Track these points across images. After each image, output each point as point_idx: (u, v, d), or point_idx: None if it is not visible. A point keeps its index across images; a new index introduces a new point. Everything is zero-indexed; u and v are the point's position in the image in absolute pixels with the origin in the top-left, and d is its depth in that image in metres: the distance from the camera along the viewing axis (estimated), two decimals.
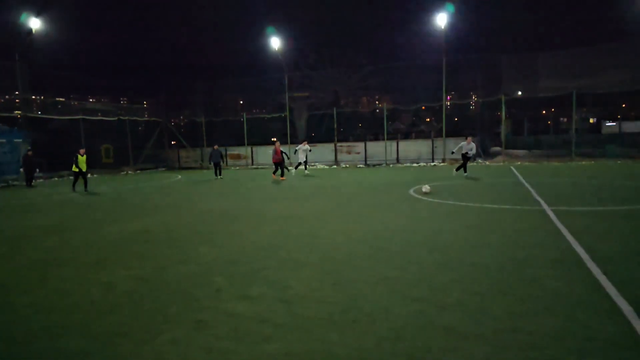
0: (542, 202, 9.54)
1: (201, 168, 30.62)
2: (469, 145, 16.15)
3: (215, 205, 11.14)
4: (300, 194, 13.10)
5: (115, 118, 30.02)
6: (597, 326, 3.39)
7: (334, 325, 3.61)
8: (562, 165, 21.36)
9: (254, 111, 36.11)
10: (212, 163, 20.50)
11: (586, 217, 7.70)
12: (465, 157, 16.25)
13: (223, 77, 35.14)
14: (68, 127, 26.80)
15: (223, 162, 21.50)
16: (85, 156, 15.84)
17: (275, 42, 29.17)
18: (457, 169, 16.85)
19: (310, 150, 20.92)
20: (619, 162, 22.34)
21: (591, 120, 46.97)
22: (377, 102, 37.79)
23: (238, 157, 31.05)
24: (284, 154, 18.63)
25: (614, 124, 41.13)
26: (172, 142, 34.23)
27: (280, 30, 30.17)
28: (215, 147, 20.70)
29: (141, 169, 30.32)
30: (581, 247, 5.64)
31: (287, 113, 30.43)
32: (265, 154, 26.91)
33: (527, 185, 13.04)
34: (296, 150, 20.85)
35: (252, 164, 30.33)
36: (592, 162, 22.75)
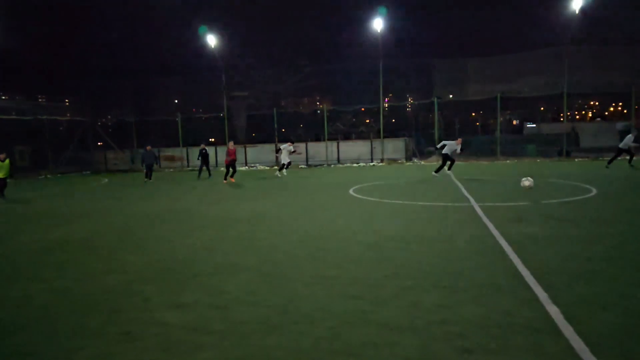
0: (470, 198, 10.13)
1: (131, 171, 28.88)
2: (458, 145, 15.54)
3: (146, 210, 10.57)
4: (239, 196, 12.84)
5: (32, 117, 27.49)
6: (517, 312, 3.63)
7: (271, 329, 3.54)
8: (489, 164, 22.88)
9: (193, 110, 34.84)
10: (144, 165, 19.04)
11: (509, 212, 8.28)
12: (447, 157, 15.55)
13: (156, 76, 33.45)
14: None
15: (156, 164, 20.12)
16: (7, 161, 14.13)
17: (211, 40, 28.36)
18: (449, 168, 15.95)
19: (294, 151, 19.92)
20: (538, 160, 24.38)
21: (514, 122, 50.87)
22: (317, 103, 38.17)
23: (172, 158, 29.70)
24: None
25: (534, 125, 44.92)
26: (99, 144, 32.04)
27: (217, 29, 29.39)
28: (148, 148, 19.18)
29: (62, 173, 27.92)
30: (504, 239, 6.04)
31: (225, 113, 29.72)
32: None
33: (457, 183, 13.80)
34: (279, 149, 19.87)
35: (188, 166, 29.19)
36: (515, 160, 24.61)
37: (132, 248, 6.53)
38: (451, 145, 15.51)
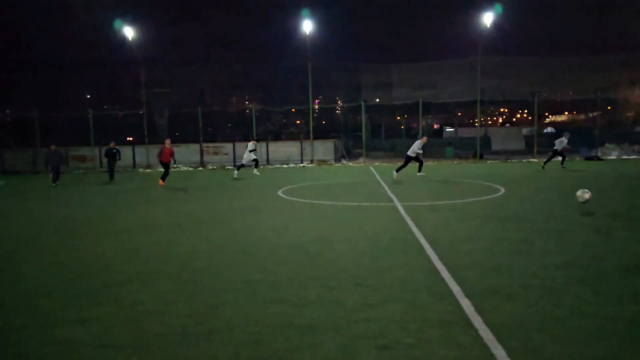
0: (394, 198, 10.54)
1: (34, 172, 25.95)
2: (421, 144, 15.33)
3: (49, 216, 9.57)
4: (159, 199, 12.16)
5: None
6: (433, 307, 3.79)
7: (188, 339, 3.34)
8: (412, 165, 24.04)
9: (106, 107, 32.33)
10: (49, 167, 16.76)
11: (428, 210, 8.74)
12: (411, 158, 15.31)
13: (64, 68, 30.48)
14: None
15: (64, 164, 17.86)
16: None
17: (129, 33, 26.51)
18: (420, 170, 15.56)
19: (253, 150, 18.46)
20: (455, 162, 26.13)
21: (435, 126, 54.25)
22: (247, 102, 37.46)
23: (83, 159, 27.19)
24: (173, 155, 15.60)
25: (452, 129, 48.29)
26: None
27: (137, 21, 27.63)
28: (52, 147, 16.87)
29: None
30: (423, 237, 6.34)
31: (144, 110, 28.01)
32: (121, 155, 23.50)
33: (383, 183, 14.32)
34: (251, 151, 18.54)
35: (101, 167, 26.96)
36: (436, 162, 26.15)
37: (31, 258, 5.85)
38: (416, 145, 15.27)
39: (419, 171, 15.53)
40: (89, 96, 33.15)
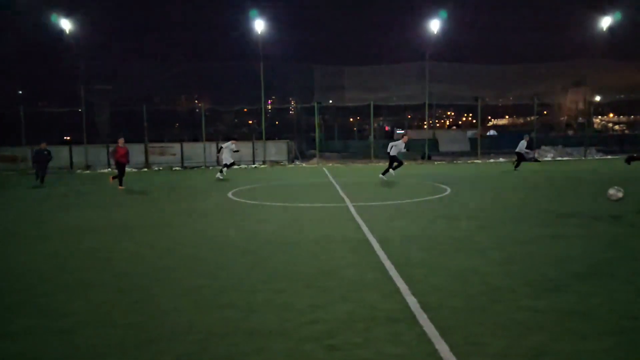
0: (346, 199, 10.63)
1: None
2: (404, 144, 15.03)
3: None
4: (97, 202, 11.47)
5: None
6: (381, 305, 3.83)
7: (126, 351, 3.14)
8: (364, 167, 24.46)
9: (39, 103, 30.09)
10: None
11: (379, 210, 8.89)
12: (394, 159, 14.97)
13: None
14: None
15: None
16: None
17: (66, 25, 24.81)
18: (394, 169, 15.10)
19: (237, 151, 17.78)
20: (405, 163, 26.88)
21: (386, 128, 55.61)
22: (196, 101, 36.37)
23: (13, 160, 25.09)
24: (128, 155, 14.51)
25: (403, 131, 49.76)
26: None
27: (76, 11, 25.91)
28: None
29: None
30: (373, 237, 6.42)
31: (83, 108, 26.37)
32: (56, 157, 21.09)
33: (335, 184, 14.42)
34: (220, 148, 17.50)
35: (32, 168, 24.99)
36: (386, 163, 26.77)
37: None
38: (398, 145, 14.95)
39: (383, 174, 15.26)
40: (20, 92, 30.66)
